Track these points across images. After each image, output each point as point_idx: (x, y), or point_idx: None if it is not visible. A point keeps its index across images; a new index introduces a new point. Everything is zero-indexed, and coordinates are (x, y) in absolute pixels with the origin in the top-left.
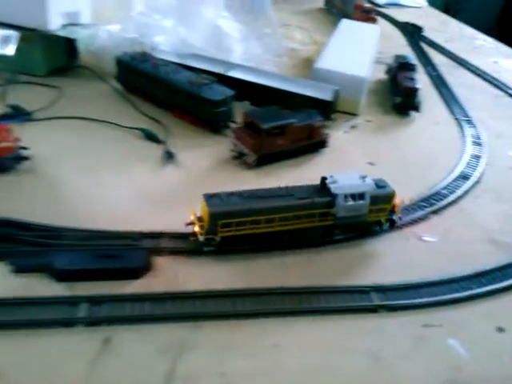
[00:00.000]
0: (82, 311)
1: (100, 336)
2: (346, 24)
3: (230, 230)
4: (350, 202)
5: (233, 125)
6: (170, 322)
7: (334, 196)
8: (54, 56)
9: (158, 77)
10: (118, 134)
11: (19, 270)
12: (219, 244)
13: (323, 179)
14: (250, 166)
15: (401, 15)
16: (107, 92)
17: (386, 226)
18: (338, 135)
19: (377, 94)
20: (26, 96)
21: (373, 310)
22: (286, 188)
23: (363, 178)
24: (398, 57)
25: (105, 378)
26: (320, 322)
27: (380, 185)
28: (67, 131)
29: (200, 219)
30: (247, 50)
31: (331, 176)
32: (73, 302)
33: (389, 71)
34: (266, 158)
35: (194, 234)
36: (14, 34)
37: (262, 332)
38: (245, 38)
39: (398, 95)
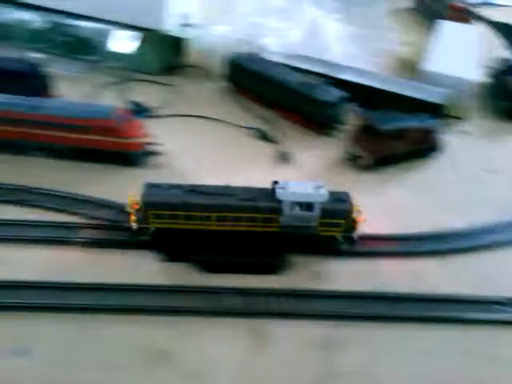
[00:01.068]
0: (232, 302)
1: (252, 328)
2: (444, 25)
3: (163, 221)
4: (297, 211)
5: (345, 127)
6: (317, 318)
7: (279, 202)
8: (166, 55)
9: (268, 77)
10: (234, 133)
11: (171, 259)
12: (154, 235)
13: (274, 183)
14: (365, 169)
15: (495, 14)
16: (216, 91)
17: (344, 243)
18: (450, 140)
19: (481, 98)
20: (142, 93)
21: None
22: (232, 187)
23: (318, 188)
24: (505, 60)
25: (260, 367)
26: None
27: (338, 198)
28: (186, 129)
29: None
30: (345, 50)
31: (284, 181)
32: (220, 292)
33: (493, 74)
34: (381, 161)
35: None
36: (135, 35)
37: (411, 336)
38: (343, 37)
39: (505, 100)
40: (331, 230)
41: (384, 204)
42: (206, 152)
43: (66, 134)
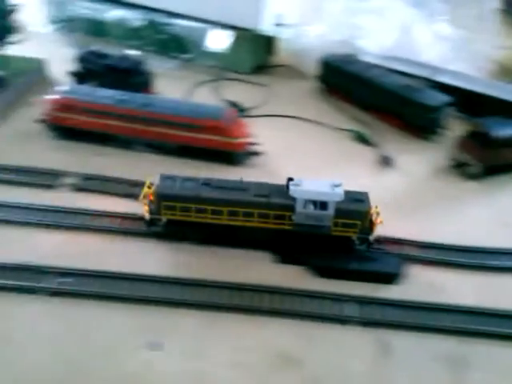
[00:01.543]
0: (353, 310)
1: (377, 338)
2: None
3: (175, 213)
4: (310, 210)
5: (447, 132)
6: (441, 333)
7: (293, 199)
8: (258, 54)
9: (366, 79)
10: (330, 135)
11: (284, 261)
12: (166, 226)
13: (288, 180)
14: (473, 177)
15: None
16: (309, 91)
17: (360, 245)
18: None
19: None
20: (235, 92)
21: None
22: (247, 183)
23: (334, 186)
24: None
25: (386, 378)
26: None
27: (356, 198)
28: (281, 129)
29: (151, 199)
30: (443, 52)
31: (299, 179)
32: (339, 299)
33: None
34: (491, 170)
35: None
36: (229, 34)
37: None
38: (440, 39)
39: None
40: (346, 231)
41: (494, 215)
42: (304, 153)
43: (175, 132)
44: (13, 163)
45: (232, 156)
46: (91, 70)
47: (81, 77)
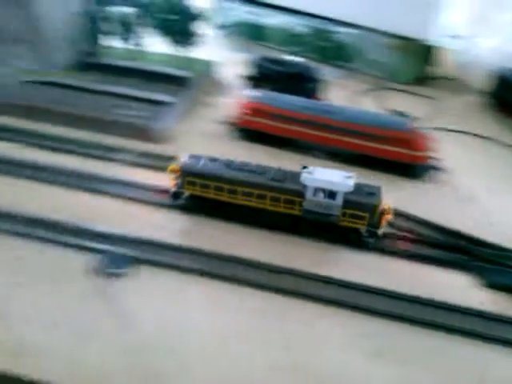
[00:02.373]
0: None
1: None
2: None
3: (196, 189)
4: (319, 198)
5: None
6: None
7: (304, 186)
8: (421, 65)
9: None
10: (509, 154)
11: (491, 285)
12: (188, 200)
13: (303, 167)
14: None
15: None
16: (479, 106)
17: (368, 237)
18: None
19: None
20: (399, 103)
21: None
22: (267, 167)
23: (346, 178)
24: None
25: None
26: None
27: (367, 191)
28: (457, 145)
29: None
30: None
31: (312, 167)
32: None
33: None
34: None
35: None
36: (393, 42)
37: None
38: None
39: None
40: (354, 222)
41: None
42: (483, 172)
43: (356, 141)
44: None
45: (413, 169)
46: (265, 75)
47: (255, 81)
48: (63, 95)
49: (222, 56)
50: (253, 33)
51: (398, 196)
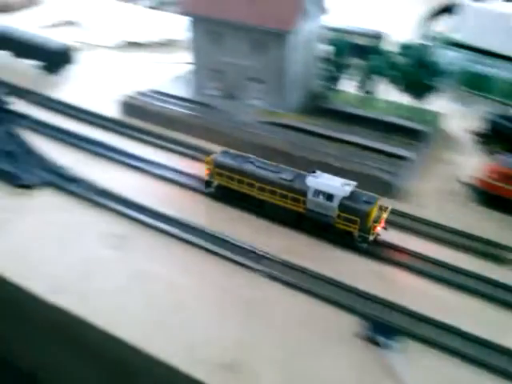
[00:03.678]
0: None
1: None
2: None
3: (223, 179)
4: (320, 199)
5: None
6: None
7: (308, 188)
8: None
9: None
10: None
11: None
12: (216, 189)
13: (311, 171)
14: None
15: None
16: None
17: (361, 242)
18: None
19: None
20: None
21: None
22: (282, 167)
23: (345, 185)
24: None
25: None
26: None
27: (363, 199)
28: None
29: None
30: None
31: (320, 172)
32: None
33: None
34: None
35: None
36: None
37: None
38: None
39: None
40: (348, 225)
41: None
42: None
43: None
44: (433, 219)
45: None
46: (500, 133)
47: (487, 139)
48: (300, 139)
49: (449, 108)
50: (476, 83)
51: None
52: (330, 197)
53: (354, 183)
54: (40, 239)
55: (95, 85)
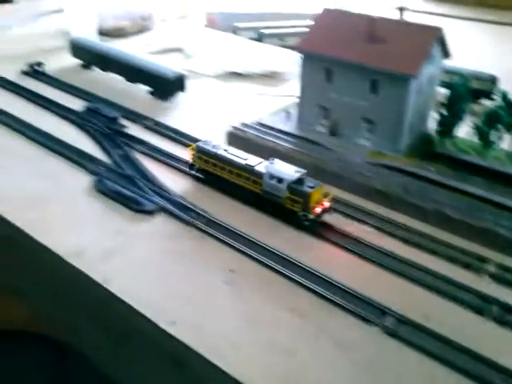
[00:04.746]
0: None
1: None
2: None
3: (201, 162)
4: (272, 182)
5: None
6: None
7: (265, 172)
8: None
9: None
10: None
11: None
12: (197, 171)
13: (270, 159)
14: None
15: None
16: None
17: (305, 221)
18: None
19: None
20: None
21: None
22: (250, 155)
23: (297, 172)
24: None
25: None
26: None
27: (308, 184)
28: None
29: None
30: None
31: (277, 160)
32: None
33: None
34: None
35: None
36: None
37: None
38: None
39: None
40: (293, 205)
41: None
42: None
43: None
44: None
45: None
46: None
47: None
48: (412, 185)
49: None
50: None
51: None
52: (280, 180)
53: (304, 171)
54: (156, 267)
55: (201, 113)
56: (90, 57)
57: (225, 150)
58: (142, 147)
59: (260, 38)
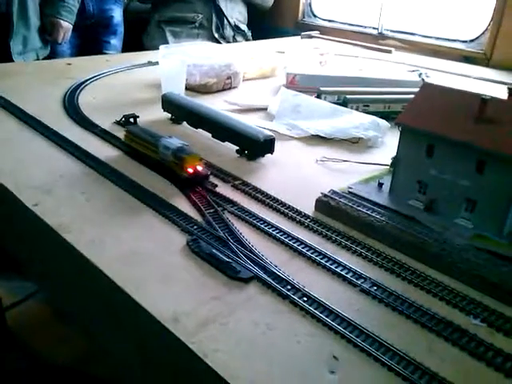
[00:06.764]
0: None
1: None
2: None
3: (132, 140)
4: (164, 151)
5: None
6: None
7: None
8: None
9: None
10: None
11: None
12: (127, 148)
13: (168, 136)
14: None
15: None
16: None
17: (180, 179)
18: None
19: None
20: None
21: None
22: (164, 135)
23: (180, 143)
24: None
25: None
26: None
27: (186, 152)
28: None
29: None
30: None
31: (174, 137)
32: None
33: None
34: None
35: None
36: None
37: None
38: None
39: None
40: (174, 167)
41: None
42: None
43: None
44: None
45: None
46: None
47: None
48: None
49: None
50: None
51: None
52: (167, 148)
53: (187, 143)
54: (248, 341)
55: (287, 175)
56: (179, 112)
57: (147, 132)
58: (232, 207)
59: (344, 102)
